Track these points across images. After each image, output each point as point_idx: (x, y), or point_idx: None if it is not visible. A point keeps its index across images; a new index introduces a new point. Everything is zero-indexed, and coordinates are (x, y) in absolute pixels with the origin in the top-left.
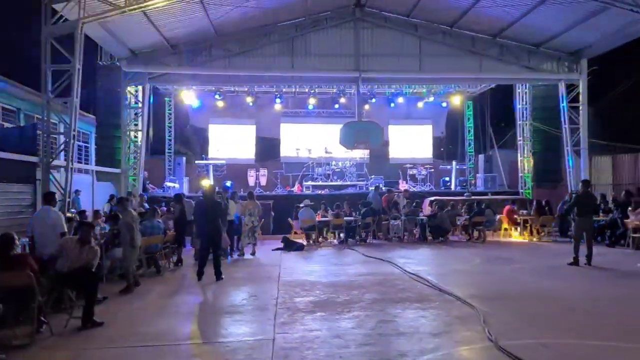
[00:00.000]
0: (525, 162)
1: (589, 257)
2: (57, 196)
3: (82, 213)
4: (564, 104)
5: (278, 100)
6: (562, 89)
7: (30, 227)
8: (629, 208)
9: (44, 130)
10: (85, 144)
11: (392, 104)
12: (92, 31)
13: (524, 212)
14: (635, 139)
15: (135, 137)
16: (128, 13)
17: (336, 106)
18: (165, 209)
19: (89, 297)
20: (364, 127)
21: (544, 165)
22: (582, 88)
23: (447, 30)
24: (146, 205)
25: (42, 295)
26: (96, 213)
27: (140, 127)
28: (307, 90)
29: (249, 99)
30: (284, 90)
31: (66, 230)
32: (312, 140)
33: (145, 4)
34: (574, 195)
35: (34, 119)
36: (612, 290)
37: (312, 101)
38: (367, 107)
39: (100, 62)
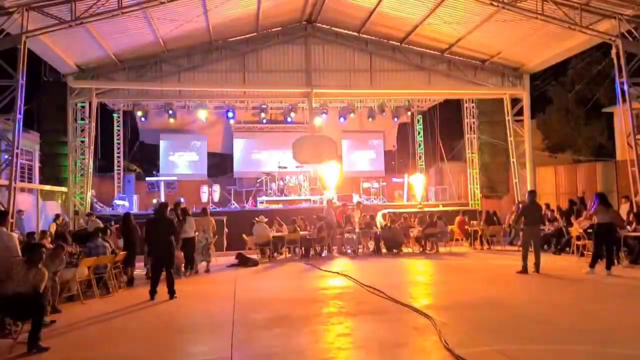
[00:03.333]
0: (474, 174)
1: (537, 265)
2: None
3: (30, 235)
4: (509, 118)
5: (230, 115)
6: (507, 103)
7: None
8: (572, 216)
9: None
10: (29, 162)
11: (344, 119)
12: (36, 46)
13: (475, 222)
14: (574, 150)
15: (82, 154)
16: (74, 28)
17: (288, 119)
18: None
19: (35, 321)
20: (317, 142)
21: (491, 177)
22: (525, 102)
23: (396, 46)
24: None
25: None
26: (43, 233)
27: (87, 144)
28: (259, 105)
29: (200, 115)
30: (235, 105)
31: (20, 253)
32: (265, 155)
33: (92, 19)
34: (520, 205)
35: None
36: (562, 296)
37: (264, 116)
38: (319, 121)
39: (45, 78)
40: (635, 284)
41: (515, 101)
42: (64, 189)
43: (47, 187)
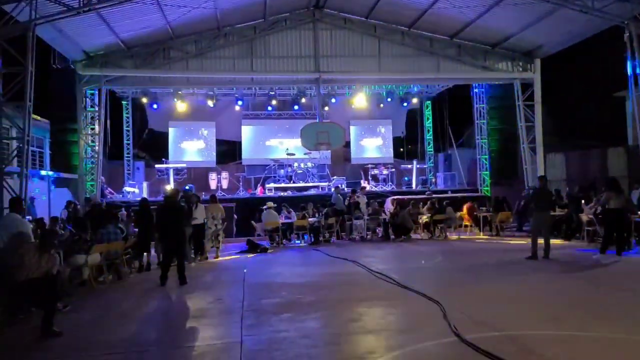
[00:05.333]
0: (484, 160)
1: (547, 250)
2: None
3: (39, 221)
4: (519, 103)
5: (239, 103)
6: (517, 88)
7: None
8: (583, 202)
9: None
10: (40, 149)
11: (352, 105)
12: (44, 33)
13: (483, 209)
14: (585, 136)
15: (93, 141)
16: (82, 14)
17: (295, 107)
18: (124, 212)
19: (48, 306)
20: (325, 128)
21: (501, 163)
22: (536, 87)
23: (405, 31)
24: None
25: None
26: (54, 219)
27: (97, 131)
28: (267, 91)
29: (208, 102)
30: (243, 92)
31: (33, 240)
32: (273, 142)
33: (100, 5)
34: (531, 191)
35: None
36: (571, 282)
37: (272, 103)
38: (327, 108)
39: (54, 65)
40: None
41: (526, 86)
42: (74, 175)
43: (58, 174)
